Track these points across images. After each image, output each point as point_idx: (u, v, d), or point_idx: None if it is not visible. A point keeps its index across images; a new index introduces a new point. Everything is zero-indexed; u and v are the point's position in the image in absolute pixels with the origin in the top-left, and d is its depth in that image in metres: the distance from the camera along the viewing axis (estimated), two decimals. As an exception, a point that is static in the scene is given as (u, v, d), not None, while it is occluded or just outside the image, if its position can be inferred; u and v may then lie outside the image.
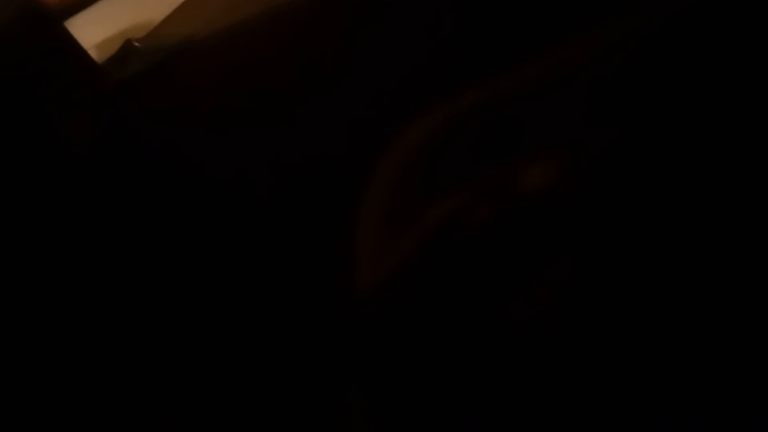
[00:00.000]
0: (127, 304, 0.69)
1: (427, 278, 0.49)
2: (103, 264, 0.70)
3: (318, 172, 0.67)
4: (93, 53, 0.77)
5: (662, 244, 0.48)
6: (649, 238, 0.48)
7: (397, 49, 0.68)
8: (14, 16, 0.73)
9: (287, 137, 0.69)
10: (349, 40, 0.70)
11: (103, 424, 0.68)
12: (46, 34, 0.74)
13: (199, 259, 0.69)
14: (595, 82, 0.54)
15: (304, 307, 0.65)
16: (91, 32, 0.78)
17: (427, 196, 0.53)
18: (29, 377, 0.68)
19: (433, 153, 0.56)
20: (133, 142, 0.72)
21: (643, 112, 0.51)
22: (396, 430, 0.50)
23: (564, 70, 0.55)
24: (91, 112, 0.73)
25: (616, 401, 0.47)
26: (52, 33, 0.75)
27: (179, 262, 0.69)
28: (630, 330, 0.47)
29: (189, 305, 0.69)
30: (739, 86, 0.51)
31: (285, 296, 0.66)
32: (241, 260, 0.68)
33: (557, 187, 0.49)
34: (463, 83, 0.59)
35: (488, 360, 0.47)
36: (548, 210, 0.48)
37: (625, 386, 0.47)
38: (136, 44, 0.77)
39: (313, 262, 0.64)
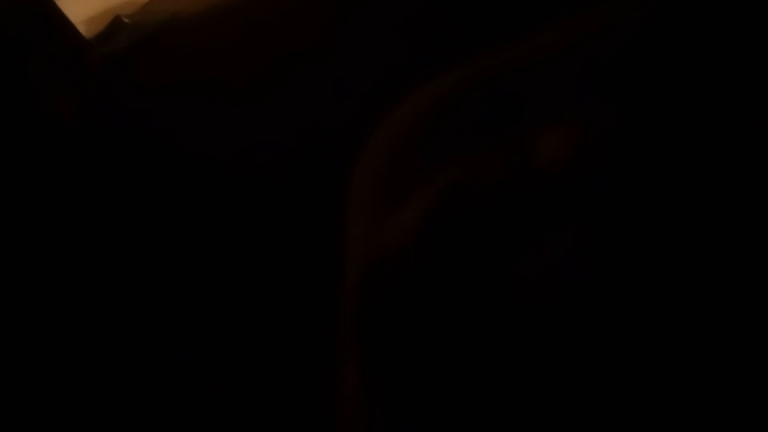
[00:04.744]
0: (113, 281, 0.69)
1: (445, 233, 0.49)
2: (88, 239, 0.69)
3: (309, 145, 0.67)
4: (81, 28, 0.77)
5: (671, 217, 0.47)
6: (658, 210, 0.47)
7: (391, 23, 0.68)
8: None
9: (276, 111, 0.69)
10: (341, 15, 0.70)
11: (100, 423, 0.67)
12: (34, 6, 0.74)
13: (188, 233, 0.68)
14: (595, 54, 0.53)
15: (297, 281, 0.64)
16: (80, 7, 0.78)
17: (424, 169, 0.53)
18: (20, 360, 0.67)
19: (429, 127, 0.56)
20: (118, 116, 0.71)
21: (644, 87, 0.51)
22: (405, 411, 0.49)
23: (562, 44, 0.55)
24: (77, 86, 0.72)
25: (620, 376, 0.46)
26: (39, 6, 0.74)
27: (167, 235, 0.69)
28: (633, 297, 0.46)
29: (177, 282, 0.68)
30: (744, 62, 0.51)
31: (277, 271, 0.66)
32: (233, 235, 0.68)
33: (573, 157, 0.49)
34: (459, 57, 0.58)
35: (498, 323, 0.46)
36: (563, 177, 0.48)
37: (631, 364, 0.46)
38: (126, 20, 0.77)
39: (306, 234, 0.64)
